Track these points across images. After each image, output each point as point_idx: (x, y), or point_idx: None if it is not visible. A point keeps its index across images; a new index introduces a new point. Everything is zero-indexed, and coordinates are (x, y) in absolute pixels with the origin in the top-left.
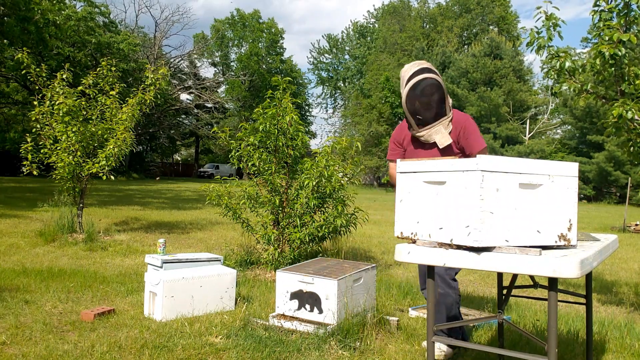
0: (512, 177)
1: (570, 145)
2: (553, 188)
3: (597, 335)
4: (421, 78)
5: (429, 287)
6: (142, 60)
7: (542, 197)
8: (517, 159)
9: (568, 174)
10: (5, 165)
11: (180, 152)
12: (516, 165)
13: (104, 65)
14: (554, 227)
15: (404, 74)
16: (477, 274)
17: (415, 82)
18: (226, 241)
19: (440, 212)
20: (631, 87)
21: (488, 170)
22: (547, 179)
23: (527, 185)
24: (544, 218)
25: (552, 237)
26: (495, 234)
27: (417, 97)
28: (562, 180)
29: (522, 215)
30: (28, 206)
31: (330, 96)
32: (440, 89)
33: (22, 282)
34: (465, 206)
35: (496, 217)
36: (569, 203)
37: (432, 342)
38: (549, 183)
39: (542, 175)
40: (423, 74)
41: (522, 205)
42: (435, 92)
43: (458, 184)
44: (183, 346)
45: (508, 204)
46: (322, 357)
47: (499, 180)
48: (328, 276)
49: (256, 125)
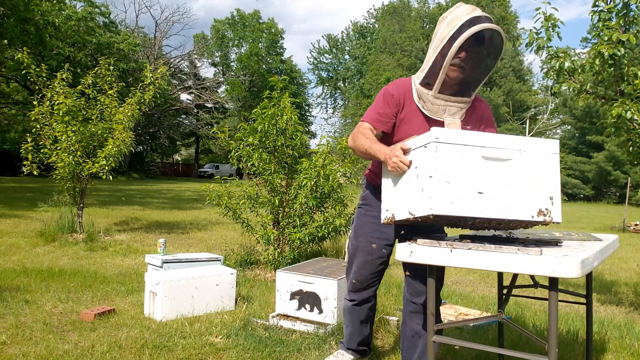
0: (473, 149)
1: (570, 145)
2: (528, 163)
3: (597, 335)
4: (490, 28)
5: (430, 286)
6: (142, 60)
7: (514, 172)
8: (482, 134)
9: (546, 150)
10: (6, 165)
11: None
12: (478, 139)
13: (102, 64)
14: (532, 203)
15: (460, 13)
16: (477, 274)
17: (480, 29)
18: (226, 241)
19: (406, 189)
20: (630, 87)
21: (443, 142)
22: (517, 153)
23: (494, 159)
24: (519, 193)
25: (529, 213)
26: (454, 204)
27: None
28: (540, 156)
29: (489, 188)
30: (28, 206)
31: (330, 96)
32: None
33: (22, 282)
34: (423, 177)
35: (453, 187)
36: (549, 179)
37: (433, 341)
38: (521, 158)
39: (510, 150)
40: (492, 24)
41: (489, 178)
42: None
43: (421, 158)
44: (183, 346)
45: (468, 176)
46: (322, 357)
47: (456, 152)
48: (328, 276)
49: (255, 126)
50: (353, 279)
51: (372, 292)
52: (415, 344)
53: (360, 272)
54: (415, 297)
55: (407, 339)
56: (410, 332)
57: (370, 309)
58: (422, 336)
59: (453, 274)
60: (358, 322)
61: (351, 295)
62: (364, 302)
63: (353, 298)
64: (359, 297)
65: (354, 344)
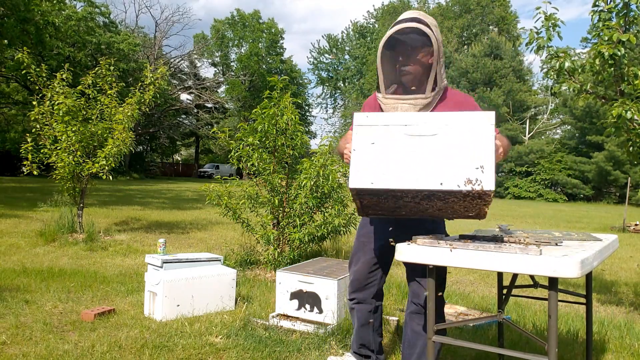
0: (395, 129)
1: (569, 145)
2: (457, 136)
3: (597, 335)
4: (407, 26)
5: (429, 286)
6: (142, 60)
7: (441, 146)
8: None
9: (479, 121)
10: (5, 165)
11: (180, 152)
12: (401, 119)
13: (102, 64)
14: (460, 173)
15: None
16: (477, 274)
17: (400, 28)
18: (226, 241)
19: None
20: (630, 87)
21: (362, 124)
22: (444, 128)
23: (418, 135)
24: (446, 165)
25: (455, 182)
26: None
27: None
28: (472, 128)
29: (412, 163)
30: (28, 206)
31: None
32: (429, 46)
33: (22, 282)
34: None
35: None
36: (480, 149)
37: (433, 341)
38: (448, 132)
39: (435, 126)
40: (413, 22)
41: (413, 154)
42: (423, 47)
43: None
44: (183, 346)
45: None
46: (322, 357)
47: (377, 132)
48: (328, 276)
49: (255, 126)
50: (351, 277)
51: (371, 294)
52: (415, 344)
53: (358, 271)
54: (416, 298)
55: (408, 339)
56: (410, 332)
57: (370, 311)
58: (421, 337)
59: (453, 274)
60: (357, 323)
61: (350, 294)
62: (363, 303)
63: (352, 297)
64: (357, 297)
65: (355, 345)
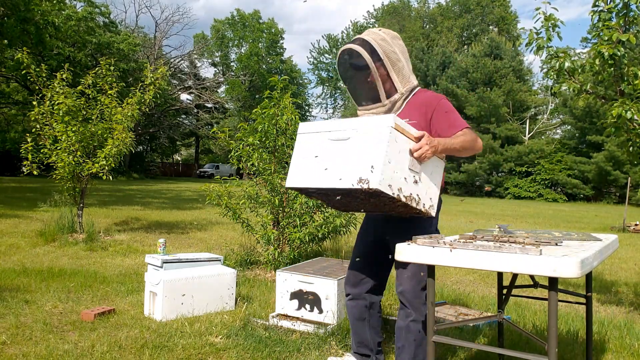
0: (322, 135)
1: (569, 145)
2: (361, 139)
3: (597, 335)
4: (346, 48)
5: (429, 286)
6: (142, 60)
7: (350, 148)
8: (332, 121)
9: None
10: (5, 165)
11: (180, 152)
12: (326, 126)
13: (102, 64)
14: (356, 173)
15: None
16: (477, 274)
17: (339, 55)
18: (226, 241)
19: None
20: (630, 87)
21: (302, 132)
22: (354, 132)
23: (337, 140)
24: (350, 165)
25: (350, 181)
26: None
27: (342, 72)
28: (370, 131)
29: (331, 164)
30: (28, 206)
31: (330, 96)
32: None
33: (22, 282)
34: None
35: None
36: (373, 150)
37: (432, 341)
38: (357, 135)
39: (349, 130)
40: (348, 45)
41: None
42: (361, 68)
43: None
44: (183, 346)
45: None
46: (322, 357)
47: (311, 139)
48: (328, 276)
49: (255, 126)
50: (347, 273)
51: (364, 289)
52: (399, 338)
53: (351, 267)
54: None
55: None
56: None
57: (366, 307)
58: (402, 330)
59: (453, 274)
60: (353, 319)
61: (346, 289)
62: (357, 298)
63: (348, 292)
64: (352, 293)
65: (354, 344)
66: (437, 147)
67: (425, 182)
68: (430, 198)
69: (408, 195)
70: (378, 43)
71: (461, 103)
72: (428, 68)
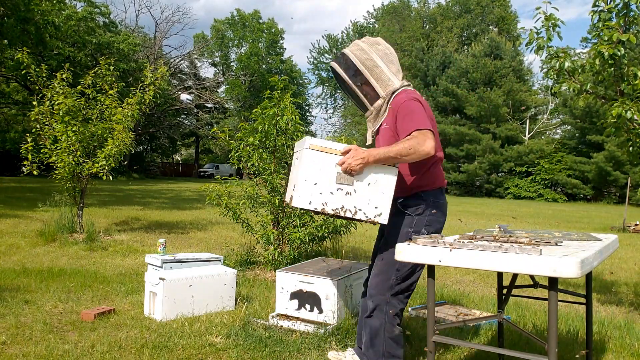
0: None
1: (569, 145)
2: (297, 161)
3: (597, 335)
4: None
5: (429, 286)
6: (142, 60)
7: (294, 169)
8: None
9: (301, 148)
10: (5, 165)
11: (180, 152)
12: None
13: (102, 64)
14: (289, 191)
15: None
16: (477, 274)
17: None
18: (226, 241)
19: None
20: (630, 87)
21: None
22: (297, 154)
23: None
24: (290, 184)
25: (287, 200)
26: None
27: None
28: (299, 153)
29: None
30: (28, 206)
31: (330, 96)
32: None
33: (22, 282)
34: None
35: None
36: (296, 170)
37: (432, 342)
38: (297, 156)
39: (297, 152)
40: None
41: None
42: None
43: None
44: (183, 346)
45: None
46: (322, 357)
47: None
48: (328, 276)
49: (255, 126)
50: None
51: None
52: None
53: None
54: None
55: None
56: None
57: None
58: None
59: (453, 274)
60: (361, 314)
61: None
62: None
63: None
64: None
65: (358, 339)
66: (368, 158)
67: (365, 192)
68: (376, 207)
69: (337, 208)
70: (355, 54)
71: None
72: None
